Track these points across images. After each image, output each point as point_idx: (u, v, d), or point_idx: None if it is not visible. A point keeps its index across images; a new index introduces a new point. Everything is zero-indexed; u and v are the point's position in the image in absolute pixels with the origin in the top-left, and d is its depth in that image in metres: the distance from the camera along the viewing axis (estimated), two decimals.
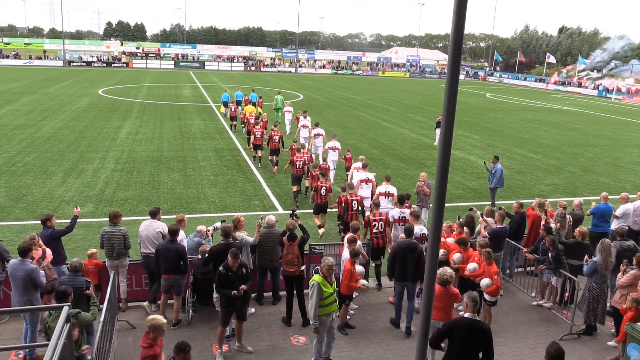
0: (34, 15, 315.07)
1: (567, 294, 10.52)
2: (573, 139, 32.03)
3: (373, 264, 11.33)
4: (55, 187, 17.07)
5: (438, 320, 7.74)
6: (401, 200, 12.13)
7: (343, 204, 12.35)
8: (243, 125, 27.30)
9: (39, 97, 39.97)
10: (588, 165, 24.66)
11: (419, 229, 10.54)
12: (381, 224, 11.09)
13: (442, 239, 9.97)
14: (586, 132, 35.35)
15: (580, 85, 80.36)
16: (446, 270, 8.04)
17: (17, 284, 8.03)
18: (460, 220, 11.16)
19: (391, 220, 11.39)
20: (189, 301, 9.71)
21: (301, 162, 16.35)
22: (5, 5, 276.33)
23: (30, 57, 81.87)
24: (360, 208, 12.48)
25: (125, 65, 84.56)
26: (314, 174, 15.21)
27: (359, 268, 9.39)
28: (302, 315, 9.68)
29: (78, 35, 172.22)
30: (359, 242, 10.03)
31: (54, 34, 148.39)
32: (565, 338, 9.50)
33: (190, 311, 9.69)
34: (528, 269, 12.02)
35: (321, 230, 13.51)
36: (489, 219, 11.46)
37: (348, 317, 9.76)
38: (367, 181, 14.19)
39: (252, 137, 21.22)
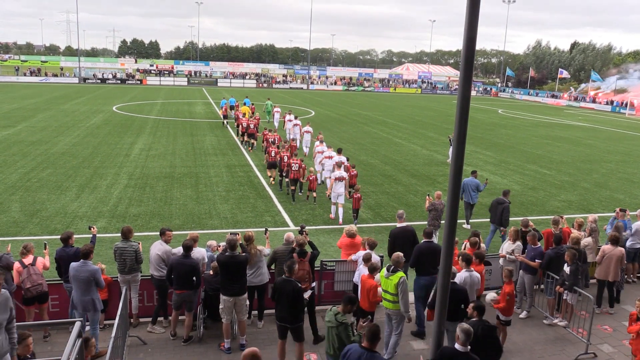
0: (51, 34, 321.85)
1: (584, 313, 10.36)
2: (586, 155, 31.77)
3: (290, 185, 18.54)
4: (69, 203, 17.22)
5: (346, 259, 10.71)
6: (338, 150, 19.38)
7: (286, 166, 18.91)
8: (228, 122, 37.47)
9: (54, 113, 40.54)
10: (602, 181, 24.41)
11: (339, 173, 16.44)
12: (297, 165, 18.18)
13: None
14: (600, 148, 35.05)
15: (594, 100, 79.93)
16: (352, 227, 10.96)
17: (79, 285, 8.55)
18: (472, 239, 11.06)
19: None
20: (200, 317, 9.68)
21: (272, 139, 22.56)
22: (24, 24, 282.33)
23: (46, 74, 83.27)
24: (298, 167, 18.22)
25: (139, 82, 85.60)
26: (292, 146, 21.91)
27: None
28: (313, 332, 9.59)
29: (93, 53, 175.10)
30: (375, 257, 9.97)
31: (70, 52, 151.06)
32: (581, 358, 9.33)
33: (202, 327, 9.66)
34: (542, 286, 11.86)
35: (271, 180, 20.69)
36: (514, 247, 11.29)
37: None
38: (322, 152, 20.54)
39: (240, 126, 30.07)
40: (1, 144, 26.82)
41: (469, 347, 6.48)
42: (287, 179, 18.93)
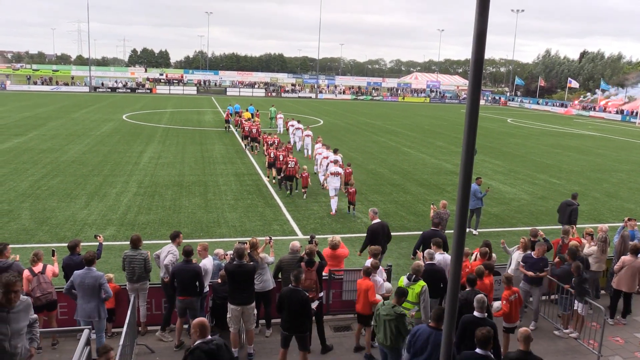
0: (62, 43, 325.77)
1: (595, 324, 10.25)
2: (597, 164, 31.55)
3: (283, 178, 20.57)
4: (78, 210, 17.31)
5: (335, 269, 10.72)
6: (335, 150, 21.50)
7: (282, 164, 20.60)
8: (235, 127, 39.94)
9: (64, 122, 40.89)
10: (613, 191, 24.21)
11: (335, 169, 18.54)
12: (292, 163, 20.09)
13: None
14: (610, 157, 34.80)
15: (604, 110, 79.49)
16: (335, 238, 10.93)
17: (85, 292, 8.46)
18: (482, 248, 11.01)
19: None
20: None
21: (271, 141, 24.79)
22: (36, 34, 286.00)
23: (57, 83, 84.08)
24: (293, 165, 20.15)
25: (149, 91, 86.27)
26: (288, 147, 23.33)
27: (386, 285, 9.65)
28: (322, 342, 9.55)
29: (104, 62, 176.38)
30: (382, 271, 9.97)
31: (81, 61, 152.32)
32: None
33: None
34: (553, 297, 11.74)
35: (274, 180, 22.28)
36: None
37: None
38: (320, 153, 22.43)
39: (242, 130, 32.65)
40: (12, 151, 27.07)
41: (486, 314, 7.76)
42: (283, 175, 20.67)
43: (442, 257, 10.34)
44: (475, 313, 7.74)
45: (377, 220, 12.37)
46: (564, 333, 10.50)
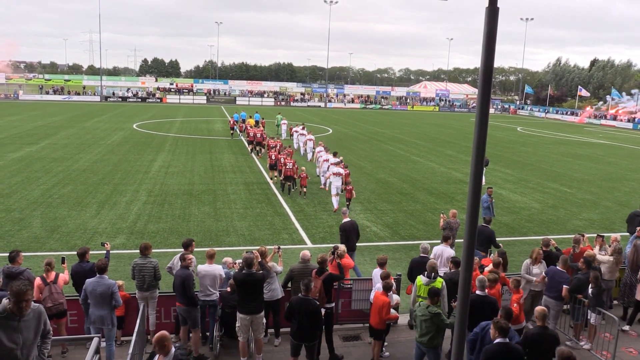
0: (74, 53, 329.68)
1: (608, 335, 10.11)
2: (608, 173, 31.28)
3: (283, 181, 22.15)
4: (89, 219, 17.41)
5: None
6: (334, 153, 23.72)
7: (282, 165, 22.30)
8: (240, 133, 42.23)
9: (76, 131, 41.26)
10: (625, 199, 23.97)
11: (337, 170, 20.62)
12: (291, 164, 21.62)
13: None
14: (622, 166, 34.50)
15: (615, 118, 78.93)
16: (340, 247, 10.69)
17: (97, 300, 8.56)
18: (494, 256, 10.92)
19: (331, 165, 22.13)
20: (216, 335, 9.64)
21: (274, 145, 25.93)
22: (48, 44, 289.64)
23: (69, 93, 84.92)
24: (291, 166, 21.67)
25: (159, 100, 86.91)
26: (289, 151, 24.72)
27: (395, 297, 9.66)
28: (330, 351, 9.50)
29: (115, 72, 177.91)
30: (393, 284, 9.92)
31: (92, 71, 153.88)
32: None
33: (218, 345, 9.61)
34: (565, 306, 11.59)
35: (272, 180, 24.33)
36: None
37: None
38: (321, 156, 24.30)
39: (248, 135, 34.06)
40: (24, 160, 27.33)
41: (486, 291, 8.73)
42: (282, 177, 22.24)
43: (439, 247, 11.47)
44: (478, 292, 8.60)
45: (347, 219, 13.23)
46: (576, 344, 10.36)
